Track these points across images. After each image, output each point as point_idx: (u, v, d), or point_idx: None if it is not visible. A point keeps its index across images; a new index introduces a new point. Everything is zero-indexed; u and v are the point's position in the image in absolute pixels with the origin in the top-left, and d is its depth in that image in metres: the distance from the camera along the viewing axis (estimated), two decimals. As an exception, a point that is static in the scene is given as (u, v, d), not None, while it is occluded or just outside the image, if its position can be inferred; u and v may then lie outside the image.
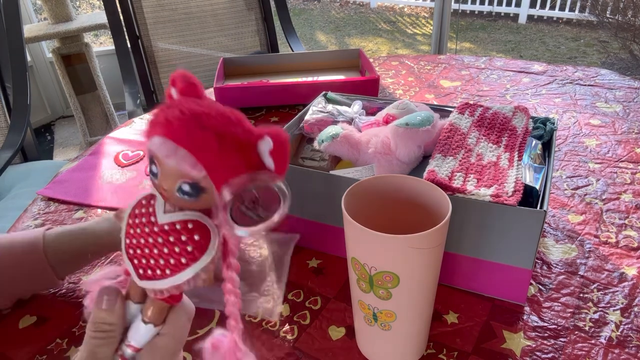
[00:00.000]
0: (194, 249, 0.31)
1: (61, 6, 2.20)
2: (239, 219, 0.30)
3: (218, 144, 0.29)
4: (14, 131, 1.35)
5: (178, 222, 0.31)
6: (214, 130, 0.29)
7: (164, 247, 0.31)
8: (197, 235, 0.31)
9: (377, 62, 1.27)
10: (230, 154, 0.29)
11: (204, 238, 0.31)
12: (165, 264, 0.31)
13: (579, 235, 0.63)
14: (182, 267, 0.31)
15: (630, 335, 0.49)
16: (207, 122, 0.29)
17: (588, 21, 4.28)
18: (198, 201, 0.30)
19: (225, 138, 0.29)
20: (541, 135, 0.61)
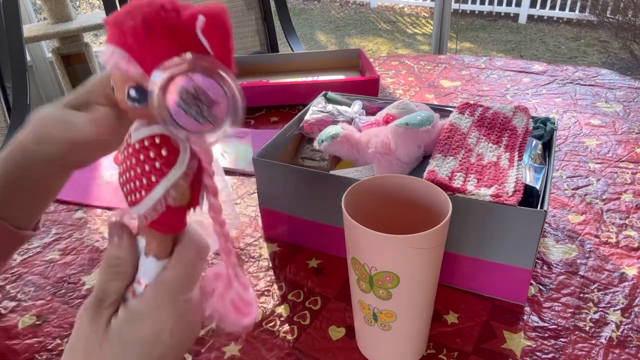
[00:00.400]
0: (162, 165, 0.28)
1: (61, 6, 2.20)
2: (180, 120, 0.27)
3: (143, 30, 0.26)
4: (14, 131, 1.35)
5: (145, 137, 0.29)
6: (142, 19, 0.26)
7: (137, 167, 0.29)
8: (164, 150, 0.28)
9: (377, 62, 1.27)
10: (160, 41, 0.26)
11: (171, 152, 0.29)
12: (141, 185, 0.29)
13: (579, 236, 0.63)
14: (152, 185, 0.29)
15: (631, 336, 0.49)
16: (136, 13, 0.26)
17: (588, 21, 4.28)
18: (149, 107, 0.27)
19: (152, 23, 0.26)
20: (541, 135, 0.61)
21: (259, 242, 0.65)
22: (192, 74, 0.26)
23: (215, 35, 0.27)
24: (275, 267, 0.61)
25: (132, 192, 0.30)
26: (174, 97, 0.26)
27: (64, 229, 0.71)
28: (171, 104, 0.26)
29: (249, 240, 0.66)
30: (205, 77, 0.26)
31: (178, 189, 0.29)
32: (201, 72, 0.26)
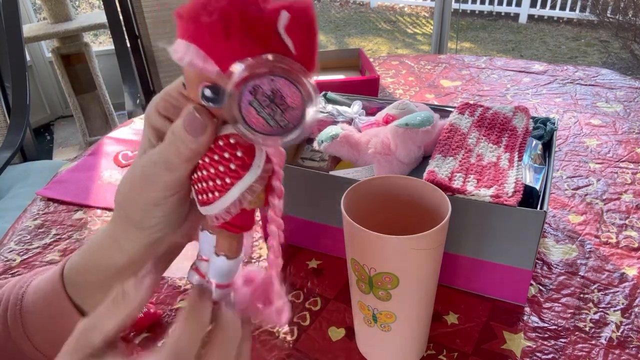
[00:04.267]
0: (237, 167, 0.27)
1: (60, 6, 2.20)
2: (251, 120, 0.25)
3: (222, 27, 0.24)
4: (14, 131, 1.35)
5: (221, 137, 0.27)
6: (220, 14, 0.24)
7: (211, 167, 0.28)
8: (239, 152, 0.27)
9: (377, 61, 1.27)
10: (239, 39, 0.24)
11: (247, 154, 0.27)
12: (214, 186, 0.28)
13: (579, 236, 0.63)
14: (227, 187, 0.28)
15: (631, 336, 0.49)
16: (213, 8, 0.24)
17: (589, 21, 4.28)
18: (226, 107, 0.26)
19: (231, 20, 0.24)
20: (541, 135, 0.61)
21: (258, 243, 0.65)
22: (270, 75, 0.24)
23: (300, 34, 0.25)
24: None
25: (204, 191, 0.29)
26: (248, 96, 0.25)
27: (63, 230, 0.71)
28: (244, 102, 0.25)
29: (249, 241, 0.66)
30: (285, 80, 0.25)
31: (253, 192, 0.28)
32: (281, 75, 0.24)
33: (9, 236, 0.70)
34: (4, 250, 0.67)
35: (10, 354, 0.38)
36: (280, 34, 0.24)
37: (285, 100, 0.25)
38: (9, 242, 0.69)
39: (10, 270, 0.63)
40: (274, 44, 0.24)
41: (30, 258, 0.65)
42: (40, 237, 0.69)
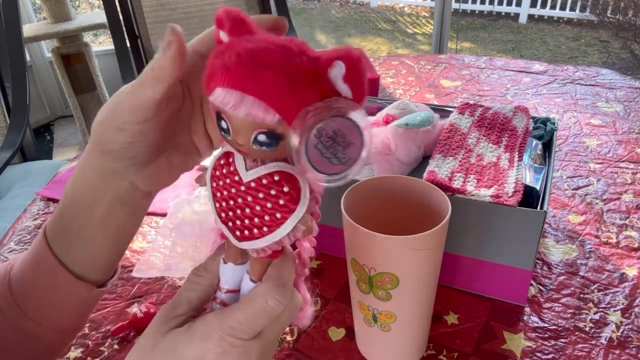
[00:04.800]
0: (287, 202, 0.29)
1: (60, 6, 2.20)
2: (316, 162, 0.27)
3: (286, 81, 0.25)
4: (13, 131, 1.35)
5: (263, 176, 0.29)
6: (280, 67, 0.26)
7: (255, 205, 0.29)
8: (286, 187, 0.29)
9: (377, 61, 1.27)
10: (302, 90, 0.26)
11: (293, 188, 0.29)
12: (261, 222, 0.29)
13: (579, 236, 0.63)
14: (278, 222, 0.29)
15: (631, 336, 0.49)
16: (269, 60, 0.26)
17: (589, 21, 4.28)
18: (278, 150, 0.28)
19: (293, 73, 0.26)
20: (541, 135, 0.61)
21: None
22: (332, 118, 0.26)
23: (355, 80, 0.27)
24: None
25: (247, 227, 0.30)
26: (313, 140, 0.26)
27: (63, 230, 0.71)
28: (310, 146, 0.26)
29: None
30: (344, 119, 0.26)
31: (305, 222, 0.30)
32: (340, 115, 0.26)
33: (9, 236, 0.70)
34: (4, 250, 0.67)
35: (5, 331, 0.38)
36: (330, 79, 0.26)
37: (345, 137, 0.26)
38: (9, 242, 0.69)
39: (10, 270, 0.63)
40: (328, 88, 0.26)
41: (30, 258, 0.65)
42: (40, 237, 0.69)
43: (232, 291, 0.33)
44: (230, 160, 0.30)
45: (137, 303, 0.56)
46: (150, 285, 0.59)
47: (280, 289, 0.30)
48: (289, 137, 0.26)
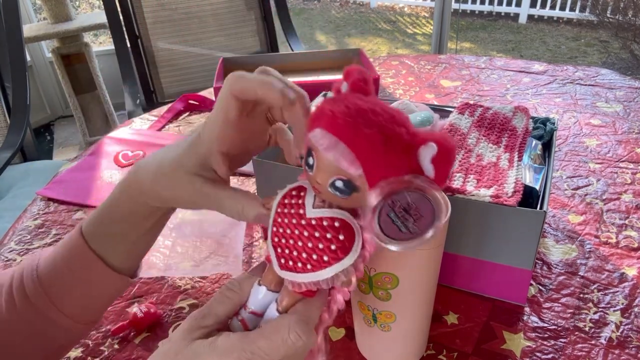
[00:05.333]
0: (337, 249, 0.30)
1: (61, 6, 2.20)
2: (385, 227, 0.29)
3: (382, 143, 0.28)
4: (14, 131, 1.35)
5: (326, 218, 0.30)
6: (379, 129, 0.28)
7: (308, 241, 0.30)
8: (342, 235, 0.30)
9: (377, 62, 1.27)
10: (393, 156, 0.28)
11: (348, 239, 0.30)
12: (308, 259, 0.30)
13: (579, 236, 0.63)
14: (323, 265, 0.30)
15: (631, 336, 0.49)
16: (373, 120, 0.28)
17: (588, 21, 4.28)
18: (349, 199, 0.30)
19: (390, 138, 0.28)
20: (541, 135, 0.61)
21: (258, 243, 0.65)
22: (410, 192, 0.28)
23: (442, 165, 0.28)
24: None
25: (292, 259, 0.31)
26: (387, 208, 0.28)
27: (64, 230, 0.71)
28: (383, 212, 0.28)
29: (249, 241, 0.66)
30: (420, 196, 0.28)
31: (347, 274, 0.30)
32: (419, 192, 0.28)
33: (9, 236, 0.71)
34: (4, 250, 0.67)
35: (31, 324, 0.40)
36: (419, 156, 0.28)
37: (418, 211, 0.28)
38: (9, 242, 0.69)
39: (11, 270, 0.63)
40: (414, 163, 0.28)
41: (30, 258, 0.65)
42: (40, 237, 0.69)
43: (255, 313, 0.34)
44: (301, 194, 0.32)
45: (137, 303, 0.56)
46: (151, 285, 0.59)
47: (303, 325, 0.31)
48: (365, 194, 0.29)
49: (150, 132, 0.97)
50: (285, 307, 0.33)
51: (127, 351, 0.51)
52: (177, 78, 1.75)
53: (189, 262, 0.62)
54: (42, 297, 0.40)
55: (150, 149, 0.91)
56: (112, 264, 0.41)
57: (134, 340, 0.52)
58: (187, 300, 0.57)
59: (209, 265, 0.61)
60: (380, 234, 0.29)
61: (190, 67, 1.76)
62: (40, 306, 0.40)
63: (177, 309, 0.55)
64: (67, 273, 0.40)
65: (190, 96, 1.09)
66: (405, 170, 0.28)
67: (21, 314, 0.40)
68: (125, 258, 0.42)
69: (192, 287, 0.58)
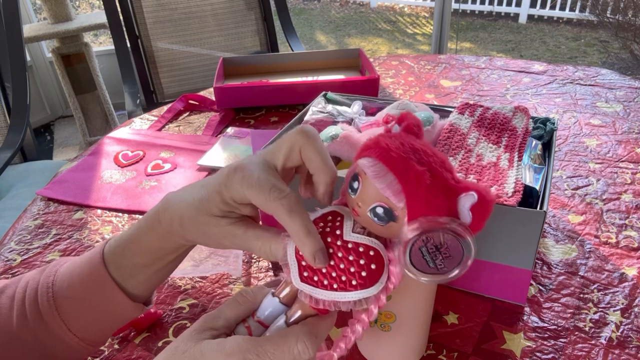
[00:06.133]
0: (367, 276, 0.31)
1: (61, 6, 2.20)
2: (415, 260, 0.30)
3: (429, 182, 0.30)
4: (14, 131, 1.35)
5: (363, 244, 0.31)
6: (429, 169, 0.30)
7: (341, 262, 0.31)
8: (374, 264, 0.31)
9: (377, 62, 1.27)
10: (435, 195, 0.30)
11: (378, 269, 0.31)
12: (336, 278, 0.31)
13: (579, 236, 0.63)
14: (349, 288, 0.31)
15: (631, 336, 0.49)
16: (424, 160, 0.31)
17: (588, 21, 4.28)
18: (385, 227, 0.31)
19: (436, 179, 0.30)
20: (541, 135, 0.61)
21: (258, 243, 0.65)
22: (445, 232, 0.30)
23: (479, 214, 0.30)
24: (275, 267, 0.61)
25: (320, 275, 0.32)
26: (420, 243, 0.30)
27: (64, 230, 0.71)
28: (415, 247, 0.30)
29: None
30: (454, 238, 0.30)
31: (369, 302, 0.32)
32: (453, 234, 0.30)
33: (9, 236, 0.71)
34: (4, 250, 0.67)
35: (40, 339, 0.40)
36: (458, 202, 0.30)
37: (448, 251, 0.30)
38: (9, 242, 0.69)
39: (11, 270, 0.63)
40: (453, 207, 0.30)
41: (30, 258, 0.65)
42: (40, 237, 0.69)
43: (261, 323, 0.34)
44: (338, 219, 0.33)
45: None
46: (151, 285, 0.59)
47: (311, 337, 0.32)
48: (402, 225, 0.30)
49: (150, 132, 0.97)
50: (294, 321, 0.33)
51: (127, 351, 0.51)
52: (177, 78, 1.75)
53: (189, 262, 0.62)
54: (54, 316, 0.40)
55: (150, 149, 0.91)
56: (130, 292, 0.41)
57: (134, 340, 0.52)
58: (187, 300, 0.57)
59: (209, 265, 0.61)
60: (408, 264, 0.30)
61: (190, 67, 1.76)
62: (51, 324, 0.40)
63: (177, 309, 0.55)
64: (82, 296, 0.40)
65: (190, 96, 1.09)
66: (443, 211, 0.30)
67: (32, 329, 0.40)
68: (144, 288, 0.42)
69: (192, 287, 0.58)
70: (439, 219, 0.30)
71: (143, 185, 0.80)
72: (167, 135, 0.96)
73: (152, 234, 0.39)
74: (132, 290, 0.41)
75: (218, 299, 0.57)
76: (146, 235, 0.39)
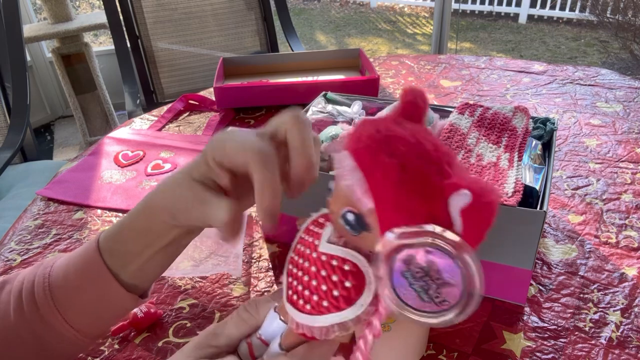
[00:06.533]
0: (340, 297, 0.26)
1: (61, 6, 2.20)
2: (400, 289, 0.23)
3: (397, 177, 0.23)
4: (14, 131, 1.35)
5: (336, 257, 0.26)
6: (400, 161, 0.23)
7: (314, 278, 0.27)
8: (348, 282, 0.26)
9: (377, 62, 1.27)
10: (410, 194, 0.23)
11: (355, 288, 0.26)
12: (309, 298, 0.27)
13: (579, 236, 0.63)
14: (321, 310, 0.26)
15: (631, 336, 0.49)
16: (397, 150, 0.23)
17: (588, 21, 4.28)
18: (359, 239, 0.26)
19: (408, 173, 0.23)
20: (541, 135, 0.61)
21: (258, 243, 0.65)
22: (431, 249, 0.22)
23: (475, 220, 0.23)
24: (275, 267, 0.61)
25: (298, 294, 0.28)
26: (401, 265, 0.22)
27: (64, 230, 0.71)
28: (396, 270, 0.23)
29: (249, 241, 0.66)
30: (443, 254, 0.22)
31: (345, 329, 0.27)
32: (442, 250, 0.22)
33: (9, 236, 0.71)
34: (4, 250, 0.67)
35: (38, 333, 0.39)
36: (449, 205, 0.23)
37: (440, 275, 0.22)
38: (9, 242, 0.69)
39: (11, 270, 0.63)
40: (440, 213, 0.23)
41: (30, 258, 0.65)
42: (40, 237, 0.69)
43: (263, 341, 0.31)
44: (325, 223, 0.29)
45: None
46: (151, 285, 0.59)
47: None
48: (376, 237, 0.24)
49: (150, 132, 0.97)
50: (287, 345, 0.30)
51: (127, 351, 0.51)
52: (177, 78, 1.75)
53: (189, 262, 0.62)
54: (50, 307, 0.39)
55: (150, 149, 0.91)
56: (124, 281, 0.40)
57: (134, 340, 0.52)
58: (187, 300, 0.57)
59: (209, 265, 0.61)
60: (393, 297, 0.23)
61: (190, 67, 1.76)
62: (48, 316, 0.39)
63: (177, 309, 0.55)
64: (78, 285, 0.39)
65: (190, 96, 1.09)
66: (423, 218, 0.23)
67: (29, 321, 0.39)
68: (137, 277, 0.40)
69: (192, 287, 0.58)
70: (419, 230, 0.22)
71: (143, 186, 0.80)
72: (167, 135, 0.96)
73: (140, 214, 0.39)
74: (126, 280, 0.40)
75: (218, 299, 0.57)
76: (136, 215, 0.39)
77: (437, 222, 0.22)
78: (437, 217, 0.23)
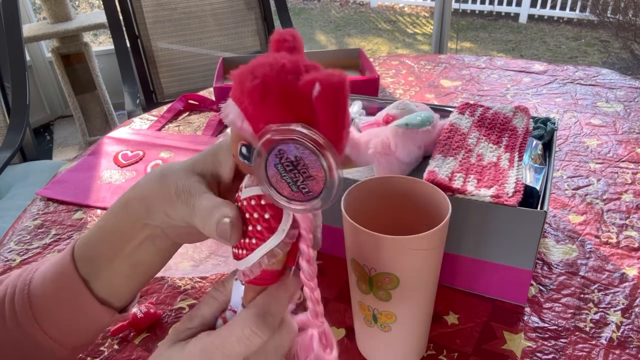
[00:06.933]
0: (263, 229, 0.28)
1: (60, 6, 2.20)
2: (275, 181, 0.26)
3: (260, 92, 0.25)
4: (13, 131, 1.35)
5: (253, 197, 0.29)
6: (260, 79, 0.25)
7: (243, 224, 0.29)
8: (267, 214, 0.28)
9: (377, 61, 1.27)
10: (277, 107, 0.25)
11: (274, 218, 0.28)
12: (244, 244, 0.29)
13: (579, 236, 0.63)
14: (252, 248, 0.29)
15: (631, 336, 0.49)
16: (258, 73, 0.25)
17: (589, 21, 4.28)
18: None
19: (268, 86, 0.25)
20: (542, 135, 0.61)
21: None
22: (294, 143, 0.25)
23: (327, 107, 0.25)
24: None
25: (237, 246, 0.30)
26: (274, 159, 0.26)
27: (63, 230, 0.71)
28: (270, 164, 0.26)
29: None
30: (309, 151, 0.25)
31: (274, 256, 0.29)
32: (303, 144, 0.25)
33: (8, 236, 0.70)
34: (3, 250, 0.67)
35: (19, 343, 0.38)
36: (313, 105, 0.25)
37: (306, 169, 0.26)
38: (8, 242, 0.69)
39: (10, 270, 0.63)
40: (306, 114, 0.25)
41: (30, 258, 0.65)
42: (40, 237, 0.69)
43: (234, 311, 0.33)
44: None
45: (137, 303, 0.56)
46: (150, 285, 0.59)
47: (258, 319, 0.30)
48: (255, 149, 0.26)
49: (150, 132, 0.97)
50: (247, 301, 0.31)
51: (127, 351, 0.50)
52: (177, 78, 1.75)
53: (189, 262, 0.62)
54: (29, 317, 0.37)
55: (150, 149, 0.90)
56: (97, 293, 0.37)
57: (134, 340, 0.52)
58: (187, 301, 0.56)
59: (208, 265, 0.61)
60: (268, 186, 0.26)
61: (190, 67, 1.76)
62: (27, 326, 0.37)
63: (177, 309, 0.55)
64: (52, 295, 0.37)
65: (190, 96, 1.09)
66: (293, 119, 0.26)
67: (10, 331, 0.38)
68: (110, 287, 0.38)
69: (192, 287, 0.58)
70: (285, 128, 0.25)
71: (143, 185, 0.80)
72: (167, 135, 0.96)
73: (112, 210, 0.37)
74: (99, 290, 0.37)
75: (218, 299, 0.57)
76: (108, 212, 0.37)
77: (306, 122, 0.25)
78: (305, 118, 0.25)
